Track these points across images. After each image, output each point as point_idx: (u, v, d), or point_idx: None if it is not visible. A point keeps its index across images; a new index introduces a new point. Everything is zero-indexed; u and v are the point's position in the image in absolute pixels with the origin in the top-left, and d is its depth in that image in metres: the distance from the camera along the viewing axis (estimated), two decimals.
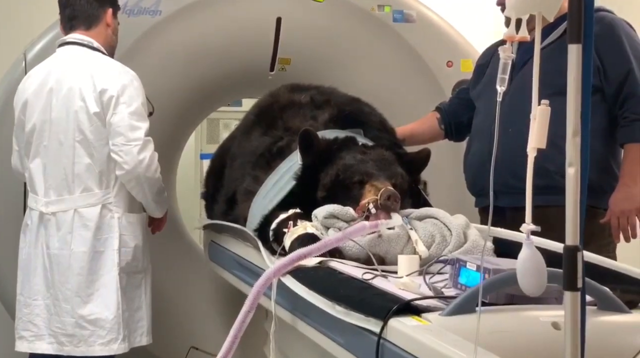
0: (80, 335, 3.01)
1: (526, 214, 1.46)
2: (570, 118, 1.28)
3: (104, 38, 3.17)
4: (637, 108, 2.81)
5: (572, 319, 1.27)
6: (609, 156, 2.90)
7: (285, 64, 3.71)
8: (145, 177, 3.03)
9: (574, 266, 1.28)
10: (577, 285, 1.28)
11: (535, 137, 1.39)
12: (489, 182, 2.96)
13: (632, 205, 2.79)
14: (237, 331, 2.25)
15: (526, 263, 1.40)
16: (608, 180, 2.88)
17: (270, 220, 2.51)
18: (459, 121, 3.31)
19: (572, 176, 1.28)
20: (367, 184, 2.46)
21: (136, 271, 3.13)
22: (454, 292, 1.92)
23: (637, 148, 2.82)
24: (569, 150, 1.28)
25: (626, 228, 2.80)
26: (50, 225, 3.05)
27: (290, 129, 2.90)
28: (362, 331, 1.81)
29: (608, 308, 1.81)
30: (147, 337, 3.16)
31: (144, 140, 3.01)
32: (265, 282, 2.23)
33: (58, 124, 3.04)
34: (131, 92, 3.03)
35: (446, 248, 2.34)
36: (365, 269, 2.17)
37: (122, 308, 3.04)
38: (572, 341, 1.27)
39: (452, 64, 3.81)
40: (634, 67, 2.83)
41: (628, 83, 2.82)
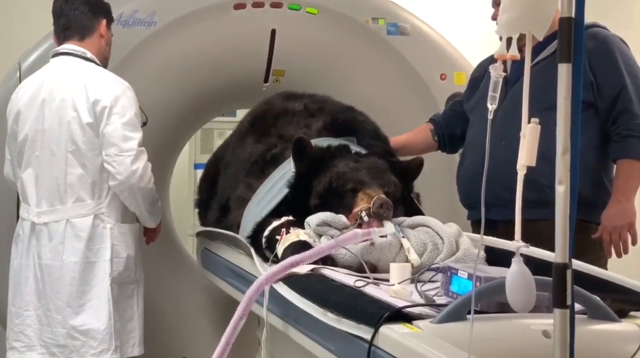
0: (72, 346, 3.00)
1: (515, 231, 1.47)
2: (560, 136, 1.29)
3: (98, 49, 3.17)
4: (629, 124, 2.83)
5: (562, 335, 1.28)
6: (602, 171, 2.91)
7: (280, 75, 3.72)
8: (139, 188, 3.03)
9: (563, 283, 1.29)
10: (566, 302, 1.29)
11: (525, 155, 1.41)
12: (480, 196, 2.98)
13: (624, 221, 2.81)
14: (228, 338, 2.25)
15: (515, 280, 1.41)
16: (600, 195, 2.89)
17: (263, 227, 2.51)
18: (453, 133, 3.32)
19: (561, 194, 1.29)
20: (359, 192, 2.47)
21: (128, 282, 3.12)
22: (445, 300, 1.93)
23: (629, 164, 2.84)
24: (559, 167, 1.29)
25: (618, 243, 2.82)
26: (42, 235, 3.04)
27: (284, 136, 2.91)
28: (354, 338, 1.81)
29: (598, 317, 1.82)
30: (139, 348, 3.14)
31: (137, 150, 3.00)
32: (257, 289, 2.23)
33: (50, 134, 3.03)
34: (124, 103, 3.03)
35: (438, 256, 2.35)
36: (357, 277, 2.17)
37: (113, 318, 3.03)
38: (562, 356, 1.28)
39: (445, 77, 3.83)
40: (627, 83, 2.84)
41: (621, 99, 2.84)
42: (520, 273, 1.41)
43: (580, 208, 2.90)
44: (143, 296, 3.20)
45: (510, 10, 1.43)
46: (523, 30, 1.46)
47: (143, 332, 3.17)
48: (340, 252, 2.31)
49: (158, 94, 3.51)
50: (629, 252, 2.84)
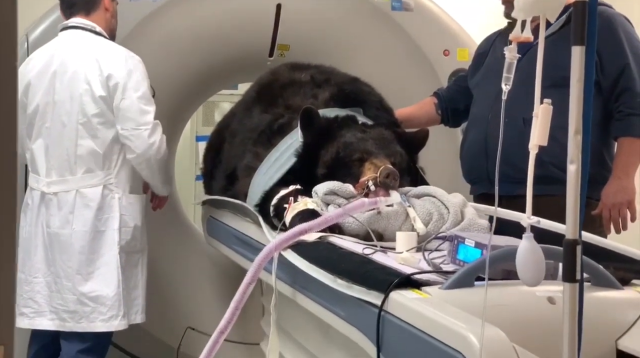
0: (81, 312, 3.06)
1: (527, 208, 1.50)
2: (572, 117, 1.33)
3: (105, 22, 3.22)
4: (631, 102, 2.86)
5: (571, 308, 1.33)
6: (603, 149, 2.95)
7: (284, 50, 3.74)
8: (156, 159, 3.11)
9: (573, 259, 1.33)
10: (576, 277, 1.33)
11: (538, 135, 1.44)
12: (485, 170, 3.02)
13: (624, 198, 2.85)
14: (238, 302, 2.30)
15: (526, 256, 1.45)
16: (601, 172, 2.92)
17: (270, 196, 2.55)
18: (456, 107, 3.35)
19: (573, 173, 1.33)
20: (366, 162, 2.51)
21: (134, 251, 3.19)
22: (452, 268, 1.98)
23: (630, 142, 2.88)
24: (571, 147, 1.33)
25: (617, 220, 2.86)
26: (51, 204, 3.09)
27: (291, 106, 2.94)
28: (364, 304, 1.86)
29: (602, 285, 1.88)
30: (142, 315, 3.21)
31: (153, 123, 3.08)
32: (266, 256, 2.28)
33: (61, 106, 3.08)
34: (137, 77, 3.08)
35: (443, 225, 2.38)
36: (365, 245, 2.22)
37: (121, 286, 3.09)
38: (571, 333, 1.32)
39: (448, 53, 3.85)
40: (630, 62, 2.87)
41: (624, 77, 2.87)
42: (531, 250, 1.44)
43: None
44: (147, 265, 3.25)
45: None
46: (538, 13, 1.49)
47: (145, 300, 3.23)
48: (348, 220, 2.35)
49: (164, 67, 3.53)
50: (627, 229, 2.88)
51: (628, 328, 1.80)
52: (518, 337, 1.55)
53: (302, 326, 2.48)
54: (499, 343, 1.47)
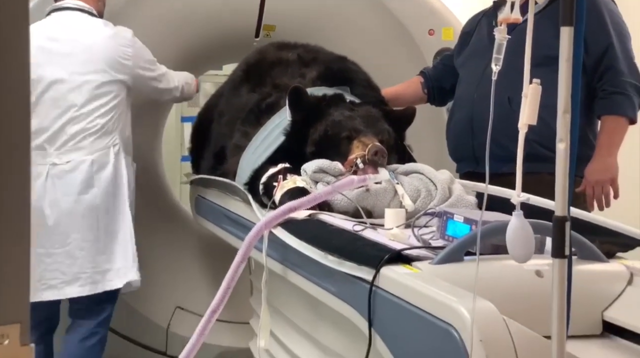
0: (114, 269, 3.18)
1: (516, 186, 1.52)
2: (561, 97, 1.35)
3: (95, 3, 3.29)
4: (614, 81, 2.89)
5: (560, 282, 1.36)
6: (587, 127, 2.98)
7: (270, 30, 3.75)
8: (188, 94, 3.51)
9: (562, 235, 1.36)
10: (565, 253, 1.36)
11: (527, 114, 1.45)
12: (471, 149, 3.04)
13: (607, 176, 2.89)
14: (229, 281, 2.32)
15: (516, 233, 1.47)
16: (585, 149, 2.95)
17: (260, 174, 2.57)
18: (442, 86, 3.38)
19: (562, 151, 1.36)
20: (355, 140, 2.53)
21: (131, 207, 3.26)
22: (441, 243, 2.00)
23: (613, 120, 2.91)
24: (560, 126, 1.36)
25: (600, 197, 2.90)
26: (65, 174, 3.16)
27: (279, 85, 2.96)
28: (355, 279, 1.89)
29: (588, 258, 1.91)
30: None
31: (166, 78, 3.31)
32: (256, 234, 2.30)
33: (70, 83, 3.16)
34: (143, 56, 3.28)
35: (431, 202, 2.41)
36: (355, 221, 2.24)
37: (133, 240, 3.20)
38: (560, 306, 1.35)
39: (433, 32, 3.87)
40: (614, 41, 2.90)
41: (607, 57, 2.90)
42: (521, 227, 1.47)
43: None
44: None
45: None
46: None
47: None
48: (337, 198, 2.37)
49: (150, 48, 3.52)
50: (610, 206, 2.92)
51: (614, 299, 1.84)
52: (507, 309, 1.57)
53: (292, 303, 2.50)
54: (489, 316, 1.50)
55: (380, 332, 1.80)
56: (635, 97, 2.89)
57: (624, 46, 2.92)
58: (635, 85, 2.90)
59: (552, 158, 2.85)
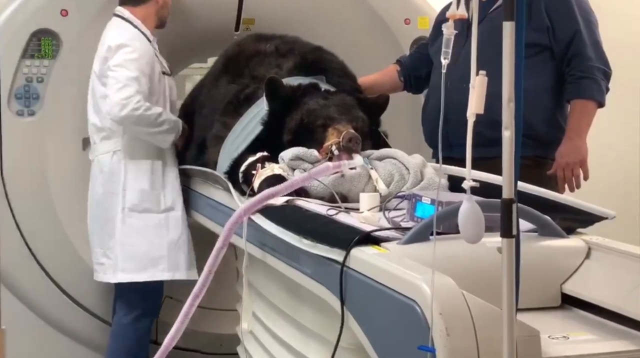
0: (107, 264, 3.36)
1: (466, 171, 1.60)
2: (505, 87, 1.43)
3: (145, 14, 3.39)
4: (582, 66, 2.97)
5: (509, 260, 1.45)
6: (557, 111, 3.06)
7: (250, 24, 3.81)
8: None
9: (509, 217, 1.44)
10: (512, 232, 1.45)
11: (475, 104, 1.53)
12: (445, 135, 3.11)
13: (577, 158, 2.97)
14: (210, 266, 2.42)
15: (467, 216, 1.55)
16: (555, 133, 3.04)
17: (239, 163, 2.65)
18: (418, 74, 3.44)
19: (507, 138, 1.44)
20: (330, 128, 2.61)
21: (152, 211, 3.35)
22: (410, 224, 2.09)
23: (582, 104, 2.99)
24: (505, 114, 1.44)
25: (571, 179, 2.98)
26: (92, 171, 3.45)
27: (257, 77, 3.03)
28: (327, 261, 1.97)
29: (548, 234, 2.01)
30: (170, 273, 3.38)
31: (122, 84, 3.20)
32: (236, 220, 2.39)
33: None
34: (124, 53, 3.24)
35: (404, 185, 2.50)
36: (329, 206, 2.33)
37: (126, 243, 3.31)
38: (509, 281, 1.44)
39: (409, 22, 3.92)
40: (581, 27, 2.98)
41: (575, 43, 2.98)
42: (471, 210, 1.54)
43: (536, 146, 3.11)
44: (179, 226, 3.38)
45: None
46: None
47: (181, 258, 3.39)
48: (313, 184, 2.45)
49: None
50: (581, 187, 3.00)
51: (572, 273, 1.93)
52: (470, 285, 1.65)
53: (273, 286, 2.59)
54: (448, 290, 1.58)
55: (351, 310, 1.88)
56: (603, 81, 2.97)
57: (591, 32, 3.00)
58: (603, 69, 2.98)
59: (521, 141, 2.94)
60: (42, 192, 3.55)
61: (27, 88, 3.50)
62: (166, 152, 3.38)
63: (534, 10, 2.97)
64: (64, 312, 3.63)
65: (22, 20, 3.50)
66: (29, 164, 3.54)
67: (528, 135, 2.94)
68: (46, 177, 3.55)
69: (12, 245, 3.50)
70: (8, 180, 3.50)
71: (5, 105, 3.48)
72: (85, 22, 3.44)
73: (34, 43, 3.50)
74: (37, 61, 3.51)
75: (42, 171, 3.54)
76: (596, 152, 3.11)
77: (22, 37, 3.49)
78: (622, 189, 4.58)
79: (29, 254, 3.56)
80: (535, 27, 2.97)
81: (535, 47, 2.98)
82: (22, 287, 3.57)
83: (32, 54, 3.50)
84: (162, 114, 3.23)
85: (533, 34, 2.96)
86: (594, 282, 1.89)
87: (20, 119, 3.51)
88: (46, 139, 3.54)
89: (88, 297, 3.61)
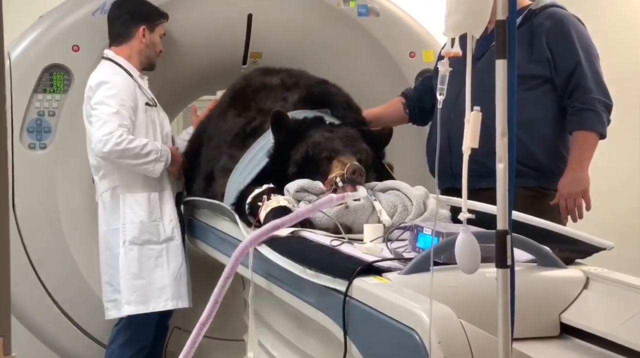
0: (118, 299, 3.42)
1: (462, 205, 1.64)
2: (498, 121, 1.48)
3: (129, 52, 3.47)
4: (584, 98, 3.00)
5: (504, 290, 1.49)
6: (559, 142, 3.10)
7: (257, 57, 3.87)
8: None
9: (504, 247, 1.49)
10: (507, 263, 1.49)
11: (469, 138, 1.57)
12: (449, 166, 3.17)
13: (579, 188, 3.00)
14: (217, 296, 2.45)
15: (463, 247, 1.59)
16: (558, 164, 3.07)
17: (245, 195, 2.69)
18: (423, 106, 3.48)
19: (501, 170, 1.49)
20: (334, 160, 2.66)
21: (151, 243, 3.42)
22: (412, 255, 2.12)
23: (584, 135, 3.02)
24: (499, 148, 1.49)
25: (573, 209, 3.01)
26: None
27: (263, 109, 3.09)
28: (330, 291, 2.01)
29: (547, 264, 2.04)
30: (173, 302, 3.44)
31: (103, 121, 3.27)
32: (242, 251, 2.43)
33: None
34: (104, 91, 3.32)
35: (407, 216, 2.53)
36: (333, 237, 2.36)
37: (129, 275, 3.37)
38: (504, 310, 1.48)
39: (414, 55, 3.98)
40: (582, 59, 3.02)
41: (576, 74, 3.01)
42: (466, 241, 1.58)
43: (539, 177, 3.15)
44: (180, 255, 3.47)
45: (455, 14, 1.61)
46: (465, 31, 1.64)
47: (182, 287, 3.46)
48: (318, 215, 2.49)
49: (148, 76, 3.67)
50: (583, 217, 3.02)
51: (570, 303, 1.96)
52: (470, 314, 1.69)
53: (279, 316, 2.62)
54: (447, 319, 1.62)
55: (354, 339, 1.92)
56: (604, 113, 3.01)
57: (591, 65, 3.03)
58: (604, 101, 3.01)
59: (524, 172, 2.98)
60: (53, 224, 3.60)
61: (39, 122, 3.59)
62: (163, 183, 3.45)
63: (535, 42, 3.02)
64: (72, 341, 3.67)
65: (35, 55, 3.59)
66: (41, 196, 3.59)
67: (530, 166, 3.00)
68: (57, 210, 3.60)
69: (23, 276, 3.54)
70: (20, 212, 3.55)
71: (18, 139, 3.55)
72: (96, 58, 3.50)
73: (46, 78, 3.60)
74: (49, 95, 3.60)
75: (53, 203, 3.60)
76: (597, 182, 3.14)
77: (34, 71, 3.57)
78: (622, 220, 4.62)
79: (40, 285, 3.60)
80: (537, 59, 3.02)
81: (537, 79, 3.03)
82: (32, 317, 3.61)
83: (44, 88, 3.60)
84: (148, 145, 3.29)
85: (534, 66, 3.01)
86: (593, 311, 1.92)
87: (32, 152, 3.59)
88: (57, 171, 3.60)
89: (97, 328, 3.65)
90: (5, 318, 1.03)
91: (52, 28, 3.62)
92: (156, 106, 3.48)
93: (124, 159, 3.27)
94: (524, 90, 2.95)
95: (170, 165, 3.41)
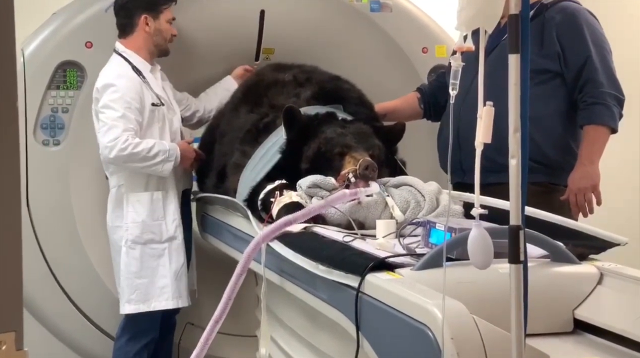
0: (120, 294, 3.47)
1: (475, 200, 1.63)
2: (511, 117, 1.47)
3: (137, 43, 3.46)
4: (594, 92, 2.99)
5: (517, 285, 1.48)
6: (569, 137, 3.08)
7: (270, 53, 3.88)
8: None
9: (517, 243, 1.48)
10: (519, 259, 1.48)
11: (482, 134, 1.57)
12: (459, 161, 3.17)
13: (589, 183, 2.98)
14: (230, 292, 2.45)
15: (476, 243, 1.58)
16: (568, 159, 3.06)
17: (258, 191, 2.70)
18: (437, 102, 3.48)
19: (514, 166, 1.48)
20: (347, 156, 2.66)
21: (154, 242, 3.43)
22: (425, 250, 2.12)
23: (594, 130, 3.00)
24: (511, 144, 1.48)
25: (583, 204, 3.00)
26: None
27: (275, 106, 3.09)
28: (343, 286, 2.01)
29: (561, 260, 2.03)
30: (174, 301, 3.46)
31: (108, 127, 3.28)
32: (255, 247, 2.43)
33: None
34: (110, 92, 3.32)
35: (420, 212, 2.53)
36: (346, 233, 2.36)
37: (130, 274, 3.39)
38: (517, 306, 1.47)
39: (427, 50, 3.98)
40: (592, 54, 3.00)
41: (587, 69, 3.00)
42: (479, 237, 1.58)
43: (549, 172, 3.13)
44: (181, 254, 3.49)
45: (467, 10, 1.60)
46: (478, 26, 1.63)
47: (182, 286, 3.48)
48: (330, 211, 2.49)
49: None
50: (594, 212, 3.01)
51: (584, 299, 1.95)
52: (482, 310, 1.69)
53: (291, 312, 2.63)
54: (459, 315, 1.62)
55: (366, 334, 1.92)
56: (615, 107, 2.99)
57: (603, 58, 3.01)
58: (615, 95, 2.99)
59: (533, 168, 2.96)
60: (66, 220, 3.63)
61: (52, 118, 3.60)
62: (167, 182, 3.45)
63: (546, 36, 3.01)
64: (86, 336, 3.69)
65: (49, 52, 3.60)
66: (54, 192, 3.62)
67: (540, 162, 2.98)
68: (71, 206, 3.62)
69: (37, 272, 3.56)
70: (33, 208, 3.57)
71: (32, 135, 3.57)
72: (109, 54, 3.51)
73: (59, 74, 3.61)
74: (63, 92, 3.62)
75: (66, 199, 3.62)
76: (608, 177, 3.12)
77: (48, 68, 3.59)
78: (637, 215, 4.59)
79: (53, 280, 3.62)
80: (547, 53, 3.01)
81: (547, 73, 3.01)
82: (45, 312, 3.64)
83: (57, 85, 3.62)
84: (154, 146, 3.29)
85: (544, 60, 2.99)
86: (606, 307, 1.92)
87: (46, 149, 3.61)
88: (71, 167, 3.63)
89: (110, 323, 3.67)
90: (17, 313, 1.03)
91: (65, 25, 3.64)
92: (163, 105, 3.45)
93: (132, 163, 3.30)
94: (534, 85, 2.93)
95: (181, 161, 3.41)
